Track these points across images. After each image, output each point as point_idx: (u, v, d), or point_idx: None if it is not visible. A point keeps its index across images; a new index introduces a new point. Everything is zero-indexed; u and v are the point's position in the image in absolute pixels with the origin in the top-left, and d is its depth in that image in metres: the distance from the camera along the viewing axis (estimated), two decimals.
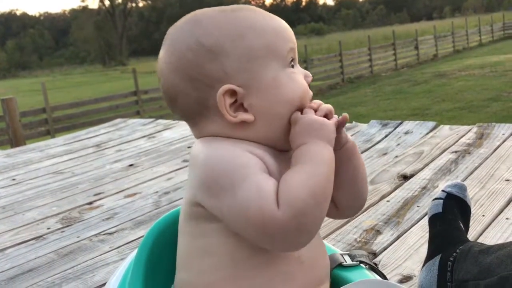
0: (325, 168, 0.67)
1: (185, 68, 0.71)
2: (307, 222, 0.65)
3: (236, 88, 0.70)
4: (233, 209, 0.65)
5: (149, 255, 0.89)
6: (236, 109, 0.70)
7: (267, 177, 0.66)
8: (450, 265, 1.15)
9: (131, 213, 2.13)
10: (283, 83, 0.72)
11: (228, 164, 0.66)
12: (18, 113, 7.53)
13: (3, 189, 2.74)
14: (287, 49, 0.73)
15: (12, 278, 1.64)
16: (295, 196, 0.64)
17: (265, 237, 0.65)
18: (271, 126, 0.72)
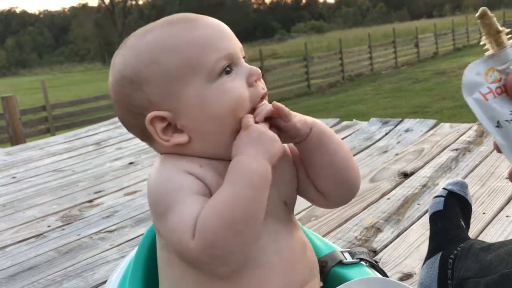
0: (248, 190, 0.64)
1: (118, 100, 0.73)
2: (221, 253, 0.63)
3: (162, 113, 0.69)
4: (164, 235, 0.69)
5: (149, 253, 0.89)
6: (174, 131, 0.70)
7: (194, 203, 0.65)
8: (451, 262, 1.15)
9: (131, 211, 2.13)
10: (207, 99, 0.68)
11: (162, 190, 0.68)
12: (18, 111, 7.52)
13: (3, 187, 2.74)
14: (213, 60, 0.69)
15: (12, 276, 1.64)
16: (206, 226, 0.62)
17: (189, 263, 0.67)
18: (208, 143, 0.70)
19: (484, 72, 0.57)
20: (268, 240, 0.71)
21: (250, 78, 0.71)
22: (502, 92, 0.56)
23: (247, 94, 0.70)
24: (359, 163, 2.39)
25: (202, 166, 0.70)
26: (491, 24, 0.57)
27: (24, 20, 57.08)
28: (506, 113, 0.55)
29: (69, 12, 60.62)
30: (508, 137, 0.57)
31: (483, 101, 0.56)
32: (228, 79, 0.70)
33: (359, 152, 2.56)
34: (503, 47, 0.56)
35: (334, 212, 1.82)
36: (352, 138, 2.84)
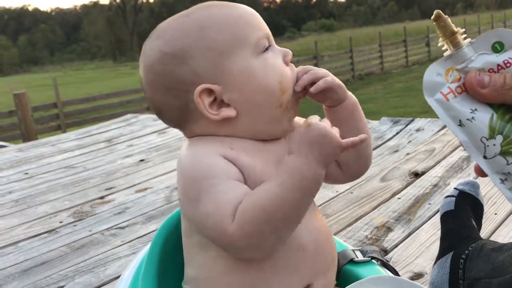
0: (296, 194, 0.64)
1: (158, 81, 0.72)
2: (257, 243, 0.65)
3: (211, 86, 0.70)
4: (196, 219, 0.69)
5: (162, 249, 0.90)
6: (219, 106, 0.71)
7: (230, 188, 0.66)
8: (462, 262, 1.15)
9: (142, 207, 2.15)
10: (256, 71, 0.70)
11: (194, 175, 0.68)
12: (30, 107, 7.59)
13: (16, 183, 2.77)
14: (256, 36, 0.71)
15: (25, 271, 1.66)
16: (249, 218, 0.63)
17: (222, 247, 0.68)
18: (255, 117, 0.71)
19: (444, 72, 0.58)
20: (301, 223, 0.71)
21: (286, 57, 0.74)
22: (462, 91, 0.56)
23: (287, 71, 0.73)
24: None
25: (233, 149, 0.70)
26: (446, 26, 0.58)
27: (36, 18, 57.50)
28: (467, 112, 0.55)
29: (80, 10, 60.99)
30: (471, 135, 0.57)
31: (444, 101, 0.57)
32: (270, 55, 0.72)
33: None
34: (460, 47, 0.57)
35: (344, 211, 1.82)
36: None
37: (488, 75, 0.56)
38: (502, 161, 0.56)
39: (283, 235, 0.66)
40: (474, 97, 0.56)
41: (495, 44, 0.56)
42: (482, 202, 1.31)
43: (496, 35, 0.56)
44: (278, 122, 0.73)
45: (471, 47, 0.57)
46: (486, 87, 0.56)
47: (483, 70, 0.56)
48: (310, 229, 0.73)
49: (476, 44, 0.57)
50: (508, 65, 0.55)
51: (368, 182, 2.10)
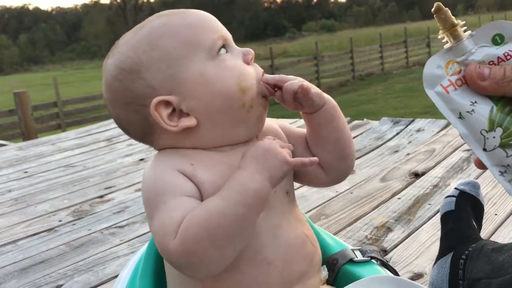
0: (239, 208, 0.62)
1: (117, 97, 0.72)
2: (199, 262, 0.62)
3: (166, 98, 0.68)
4: (152, 235, 0.68)
5: None
6: (179, 117, 0.69)
7: (178, 204, 0.65)
8: (462, 263, 1.14)
9: (141, 206, 2.14)
10: (211, 75, 0.68)
11: (149, 192, 0.68)
12: (30, 106, 7.58)
13: (16, 181, 2.77)
14: (210, 39, 0.70)
15: (24, 269, 1.66)
16: (190, 234, 0.62)
17: (172, 265, 0.67)
18: (218, 122, 0.70)
19: (444, 64, 0.58)
20: (268, 236, 0.71)
21: (246, 56, 0.72)
22: (463, 83, 0.56)
23: (247, 69, 0.71)
24: (370, 163, 2.39)
25: (192, 164, 0.69)
26: (447, 18, 0.57)
27: (36, 17, 57.53)
28: (467, 104, 0.55)
29: (81, 9, 61.00)
30: (471, 127, 0.57)
31: (444, 94, 0.57)
32: (227, 56, 0.71)
33: (370, 151, 2.55)
34: (460, 39, 0.56)
35: (344, 211, 1.82)
36: (363, 137, 2.83)
37: (488, 67, 0.56)
38: (501, 153, 0.55)
39: (228, 252, 0.63)
40: (474, 90, 0.56)
41: (495, 36, 0.56)
42: (482, 203, 1.30)
43: (497, 27, 0.56)
44: (245, 122, 0.71)
45: (472, 40, 0.57)
46: (486, 79, 0.56)
47: (483, 62, 0.56)
48: (278, 242, 0.71)
49: (477, 36, 0.57)
50: (508, 58, 0.55)
51: (368, 182, 2.10)
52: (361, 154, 2.53)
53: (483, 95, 0.56)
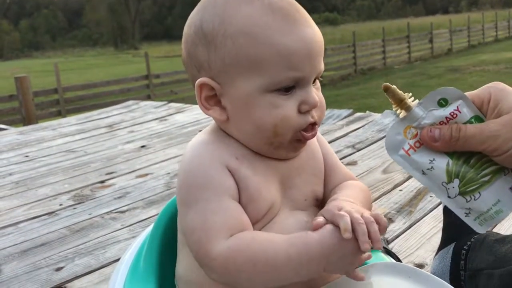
0: (290, 273, 0.62)
1: (187, 42, 0.71)
2: (232, 282, 0.64)
3: (212, 83, 0.68)
4: (183, 226, 0.68)
5: (164, 232, 0.89)
6: (216, 103, 0.69)
7: (221, 207, 0.65)
8: (464, 253, 1.14)
9: (143, 192, 2.14)
10: (254, 104, 0.66)
11: (191, 181, 0.67)
12: (31, 91, 7.56)
13: (16, 165, 2.77)
14: (282, 76, 0.65)
15: (25, 251, 1.66)
16: (236, 259, 0.62)
17: (198, 263, 0.66)
18: (242, 136, 0.69)
19: (402, 131, 0.65)
20: None
21: (302, 106, 0.67)
22: (420, 145, 0.64)
23: (293, 118, 0.67)
24: (372, 154, 2.38)
25: (237, 158, 0.69)
26: (395, 95, 0.65)
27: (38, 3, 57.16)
28: (426, 163, 0.63)
29: None
30: (433, 181, 0.65)
31: (406, 156, 0.65)
32: (283, 96, 0.66)
33: (372, 143, 2.55)
34: (410, 109, 0.64)
35: None
36: (365, 129, 2.82)
37: (438, 128, 0.64)
38: (462, 200, 0.63)
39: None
40: (431, 149, 0.65)
41: (440, 100, 0.64)
42: None
43: (439, 93, 0.64)
44: (269, 153, 0.70)
45: (421, 107, 0.64)
46: (437, 140, 0.63)
47: (434, 124, 0.64)
48: None
49: (424, 103, 0.64)
50: (454, 116, 0.64)
51: (370, 173, 2.10)
52: (363, 146, 2.53)
53: (440, 152, 0.64)
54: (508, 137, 0.61)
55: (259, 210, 0.67)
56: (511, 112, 0.62)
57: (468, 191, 0.63)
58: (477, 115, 0.64)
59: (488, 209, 0.64)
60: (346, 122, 3.07)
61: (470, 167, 0.63)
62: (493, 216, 0.64)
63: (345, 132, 2.84)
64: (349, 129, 2.88)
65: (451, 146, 0.63)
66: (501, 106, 0.63)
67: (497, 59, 14.14)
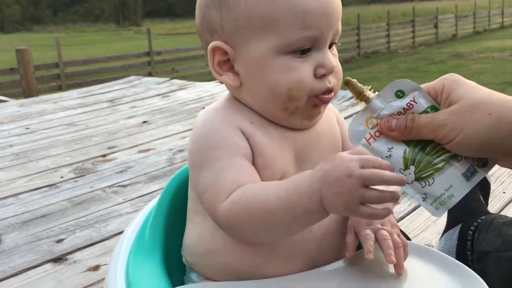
0: (286, 216, 0.58)
1: (201, 6, 0.69)
2: (239, 235, 0.64)
3: (225, 47, 0.65)
4: (197, 187, 0.67)
5: (171, 203, 0.88)
6: (229, 68, 0.67)
7: (233, 165, 0.63)
8: (471, 234, 1.13)
9: (145, 167, 2.12)
10: (268, 67, 0.64)
11: (203, 142, 0.66)
12: (32, 64, 7.49)
13: (17, 136, 2.74)
14: (297, 36, 0.63)
15: (26, 222, 1.65)
16: (236, 210, 0.61)
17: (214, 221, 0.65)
18: (255, 101, 0.67)
19: (364, 121, 0.68)
20: None
21: (319, 69, 0.65)
22: (380, 134, 0.68)
23: (309, 82, 0.64)
24: None
25: (252, 123, 0.67)
26: (355, 88, 0.68)
27: None
28: (385, 151, 0.67)
29: None
30: None
31: (367, 145, 0.68)
32: (298, 59, 0.64)
33: None
34: (370, 100, 0.67)
35: None
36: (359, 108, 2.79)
37: (395, 119, 0.67)
38: (418, 185, 0.66)
39: (264, 239, 0.64)
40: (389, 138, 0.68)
41: (397, 92, 0.67)
42: (489, 180, 1.30)
43: (396, 85, 0.68)
44: (284, 121, 0.68)
45: (380, 98, 0.67)
46: (394, 130, 0.66)
47: (393, 114, 0.67)
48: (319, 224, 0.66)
49: (383, 95, 0.67)
50: (411, 107, 0.67)
51: None
52: None
53: (398, 141, 0.67)
54: (454, 126, 0.63)
55: (273, 179, 0.65)
56: (459, 102, 0.64)
57: (423, 177, 0.66)
58: (433, 105, 0.67)
59: (441, 194, 0.67)
60: (351, 103, 3.04)
61: (426, 154, 0.67)
62: (446, 201, 0.67)
63: (350, 113, 2.81)
64: (354, 110, 2.85)
65: (406, 135, 0.66)
66: (452, 96, 0.65)
67: (502, 46, 14.02)
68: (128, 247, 0.88)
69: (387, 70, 12.08)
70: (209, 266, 0.70)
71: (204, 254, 0.70)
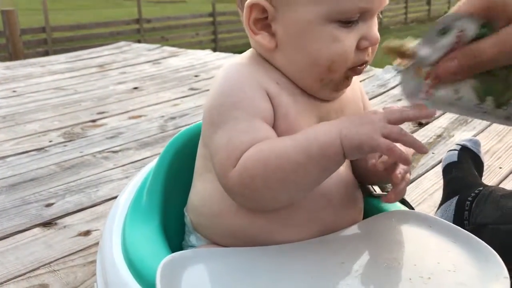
0: (301, 157, 0.56)
1: None
2: (252, 197, 0.59)
3: (266, 5, 0.61)
4: (210, 146, 0.63)
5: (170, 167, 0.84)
6: (264, 28, 0.63)
7: (251, 127, 0.60)
8: (468, 204, 1.12)
9: (136, 134, 2.08)
10: (313, 34, 0.60)
11: (224, 99, 0.62)
12: (19, 28, 7.30)
13: (4, 99, 2.67)
14: (349, 5, 0.59)
15: (13, 185, 1.60)
16: (249, 167, 0.57)
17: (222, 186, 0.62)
18: (290, 67, 0.64)
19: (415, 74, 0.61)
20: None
21: (363, 41, 0.62)
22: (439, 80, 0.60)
23: (351, 55, 0.62)
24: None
25: (278, 84, 0.63)
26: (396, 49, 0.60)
27: None
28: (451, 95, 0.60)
29: None
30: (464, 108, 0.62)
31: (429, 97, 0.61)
32: (345, 29, 0.61)
33: (373, 97, 2.49)
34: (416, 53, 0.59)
35: None
36: (366, 83, 2.76)
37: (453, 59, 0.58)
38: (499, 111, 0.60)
39: (281, 197, 0.59)
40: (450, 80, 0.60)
41: (439, 31, 0.59)
42: (482, 160, 1.30)
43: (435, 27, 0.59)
44: (314, 90, 0.65)
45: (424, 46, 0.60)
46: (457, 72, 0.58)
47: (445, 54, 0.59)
48: (338, 184, 0.66)
49: (426, 41, 0.59)
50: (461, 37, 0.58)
51: None
52: None
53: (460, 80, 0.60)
54: None
55: None
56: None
57: (503, 101, 0.59)
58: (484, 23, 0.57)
59: None
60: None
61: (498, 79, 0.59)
62: None
63: None
64: None
65: (472, 70, 0.58)
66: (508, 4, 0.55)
67: None
68: (123, 211, 0.85)
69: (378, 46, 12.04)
70: (217, 228, 0.66)
71: (212, 215, 0.67)
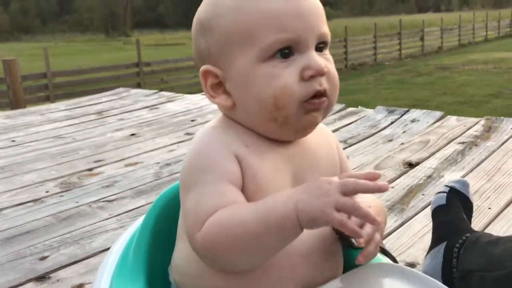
0: (260, 227, 0.58)
1: (193, 39, 0.71)
2: (216, 261, 0.62)
3: (215, 70, 0.67)
4: (182, 207, 0.67)
5: (155, 224, 0.87)
6: (223, 90, 0.68)
7: (218, 191, 0.62)
8: (456, 251, 1.13)
9: (131, 182, 2.11)
10: (253, 78, 0.64)
11: (195, 163, 0.66)
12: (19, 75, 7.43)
13: (2, 149, 2.71)
14: (271, 39, 0.63)
15: (9, 239, 1.62)
16: (211, 234, 0.60)
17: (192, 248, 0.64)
18: (249, 117, 0.67)
19: None
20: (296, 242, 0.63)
21: (305, 71, 0.63)
22: None
23: (294, 87, 0.63)
24: (363, 150, 2.37)
25: (247, 146, 0.67)
26: None
27: None
28: None
29: None
30: None
31: None
32: (280, 64, 0.63)
33: (364, 139, 2.53)
34: None
35: None
36: (357, 124, 2.81)
37: None
38: None
39: (243, 264, 0.62)
40: None
41: None
42: (471, 201, 1.31)
43: None
44: (278, 134, 0.67)
45: None
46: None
47: None
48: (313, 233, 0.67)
49: None
50: None
51: (361, 169, 2.08)
52: (355, 141, 2.51)
53: None
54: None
55: None
56: None
57: None
58: None
59: None
60: (339, 116, 3.06)
61: None
62: None
63: (337, 126, 2.82)
64: (341, 124, 2.86)
65: None
66: None
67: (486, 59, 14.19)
68: (112, 267, 0.87)
69: (374, 82, 12.17)
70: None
71: (192, 276, 0.69)
